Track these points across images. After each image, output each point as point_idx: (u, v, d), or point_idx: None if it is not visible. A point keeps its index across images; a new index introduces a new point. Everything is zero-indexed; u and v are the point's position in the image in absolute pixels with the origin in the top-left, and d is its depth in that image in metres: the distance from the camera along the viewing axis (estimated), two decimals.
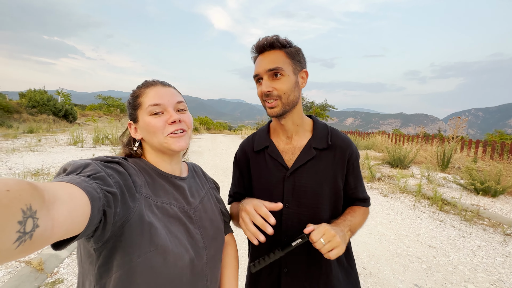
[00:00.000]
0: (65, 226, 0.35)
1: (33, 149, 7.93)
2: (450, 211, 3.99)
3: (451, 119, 9.41)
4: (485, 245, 2.92)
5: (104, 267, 0.52)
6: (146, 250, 0.54)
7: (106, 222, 0.46)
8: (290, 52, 0.80)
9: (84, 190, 0.41)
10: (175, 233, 0.61)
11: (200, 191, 0.77)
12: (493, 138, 12.35)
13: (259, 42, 0.80)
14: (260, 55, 0.81)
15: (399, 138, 11.89)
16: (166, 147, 0.65)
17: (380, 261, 2.55)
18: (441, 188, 5.22)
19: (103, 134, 10.20)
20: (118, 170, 0.55)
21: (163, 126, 0.64)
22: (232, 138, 19.45)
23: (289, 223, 0.83)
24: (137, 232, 0.53)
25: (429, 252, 2.74)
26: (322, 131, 0.88)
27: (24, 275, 2.00)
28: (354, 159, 0.87)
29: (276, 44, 0.79)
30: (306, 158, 0.83)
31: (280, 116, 0.82)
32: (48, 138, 11.15)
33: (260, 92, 0.80)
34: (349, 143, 0.87)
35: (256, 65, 0.82)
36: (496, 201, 4.50)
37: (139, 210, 0.55)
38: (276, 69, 0.77)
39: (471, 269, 2.43)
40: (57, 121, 19.07)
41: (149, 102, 0.64)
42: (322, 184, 0.83)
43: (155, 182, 0.65)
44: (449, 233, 3.23)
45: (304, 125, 0.88)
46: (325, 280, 0.83)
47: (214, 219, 0.75)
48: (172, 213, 0.63)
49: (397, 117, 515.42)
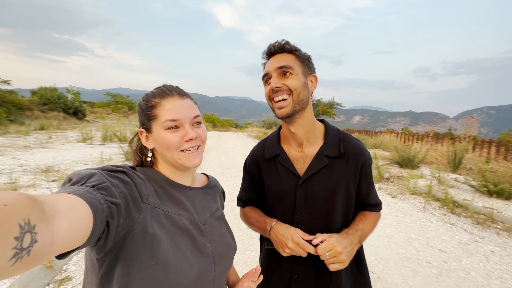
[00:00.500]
0: (66, 240, 0.35)
1: (44, 145, 8.11)
2: (462, 213, 3.88)
3: (463, 118, 9.15)
4: (499, 250, 2.83)
5: (105, 277, 0.51)
6: (147, 264, 0.52)
7: (109, 233, 0.45)
8: (300, 55, 0.82)
9: (87, 201, 0.40)
10: (181, 247, 0.59)
11: (213, 205, 0.75)
12: (507, 138, 11.97)
13: (269, 46, 0.82)
14: (271, 58, 0.83)
15: (408, 137, 11.65)
16: (180, 163, 0.64)
17: (389, 265, 2.49)
18: (452, 190, 5.08)
19: (112, 131, 10.35)
20: (123, 180, 0.54)
21: (179, 143, 0.62)
22: (238, 135, 19.47)
23: (303, 230, 0.81)
24: (139, 244, 0.52)
25: (440, 256, 2.67)
26: (334, 138, 0.86)
27: (34, 272, 2.04)
28: (367, 166, 0.86)
29: (286, 47, 0.80)
30: (318, 167, 0.82)
31: (290, 118, 0.80)
32: (59, 135, 11.39)
33: (268, 89, 0.80)
34: (362, 150, 0.86)
35: (266, 66, 0.83)
36: (511, 204, 4.36)
37: (144, 221, 0.54)
38: (285, 67, 0.77)
39: (484, 276, 2.35)
40: (67, 118, 19.46)
41: (165, 117, 0.61)
42: (335, 193, 0.82)
43: (165, 192, 0.63)
44: (461, 237, 3.14)
45: (315, 131, 0.86)
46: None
47: (224, 235, 0.72)
48: (181, 225, 0.61)
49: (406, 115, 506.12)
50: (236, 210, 3.73)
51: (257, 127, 24.67)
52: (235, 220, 3.29)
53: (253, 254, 2.61)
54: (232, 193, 4.56)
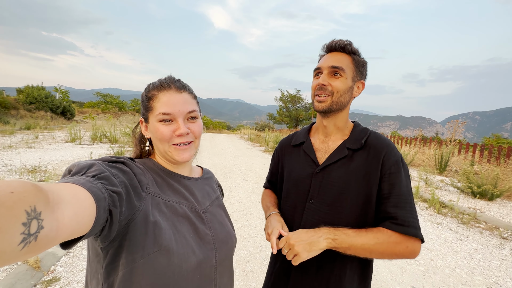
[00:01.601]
0: (71, 227, 0.35)
1: (30, 145, 7.87)
2: (448, 214, 4.01)
3: (449, 122, 9.46)
4: (482, 248, 2.94)
5: (111, 265, 0.52)
6: (150, 250, 0.53)
7: (112, 221, 0.46)
8: (356, 60, 0.82)
9: (89, 190, 0.41)
10: (183, 233, 0.60)
11: (211, 194, 0.76)
12: (490, 142, 12.45)
13: (331, 42, 0.83)
14: (329, 53, 0.83)
15: (397, 140, 11.94)
16: (170, 156, 0.66)
17: (378, 263, 2.55)
18: (439, 191, 5.24)
19: (101, 131, 10.15)
20: (122, 170, 0.55)
21: (170, 136, 0.63)
22: (231, 137, 19.44)
23: (310, 219, 0.82)
24: (142, 231, 0.53)
25: (427, 254, 2.75)
26: (360, 133, 0.85)
27: (20, 273, 1.98)
28: (392, 164, 0.76)
29: (347, 48, 0.81)
30: (337, 157, 0.82)
31: (325, 113, 0.83)
32: (46, 135, 11.07)
33: (315, 84, 0.82)
34: (387, 144, 0.80)
35: (321, 61, 0.84)
36: (493, 205, 4.54)
37: (145, 209, 0.55)
38: (338, 68, 0.79)
39: (468, 272, 2.44)
40: (55, 118, 18.92)
41: (159, 110, 0.63)
42: (351, 183, 0.78)
43: (164, 181, 0.65)
44: (447, 236, 3.25)
45: (344, 129, 0.88)
46: (335, 285, 0.80)
47: (225, 224, 0.74)
48: (181, 212, 0.62)
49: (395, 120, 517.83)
50: (232, 208, 3.73)
51: (249, 129, 24.70)
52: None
53: (246, 253, 2.62)
54: (225, 194, 4.55)
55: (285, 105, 31.28)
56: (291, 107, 31.28)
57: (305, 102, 30.90)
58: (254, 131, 22.90)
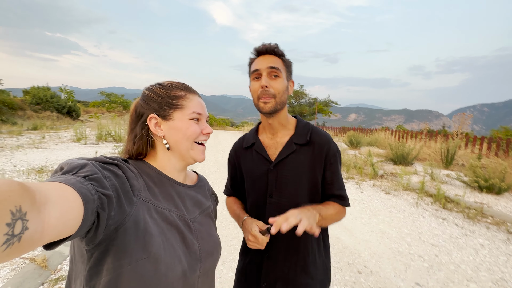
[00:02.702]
0: (56, 228, 0.35)
1: (37, 146, 8.01)
2: (453, 208, 3.96)
3: (456, 115, 9.29)
4: (488, 243, 2.90)
5: (94, 269, 0.51)
6: (138, 257, 0.52)
7: (99, 225, 0.45)
8: (285, 61, 0.91)
9: (78, 191, 0.40)
10: (171, 242, 0.59)
11: (203, 204, 0.76)
12: (498, 135, 12.19)
13: (262, 45, 0.89)
14: (261, 56, 0.90)
15: (403, 134, 11.79)
16: (190, 155, 0.68)
17: (382, 259, 2.54)
18: (444, 186, 5.18)
19: (106, 131, 10.26)
20: (115, 173, 0.54)
21: (199, 134, 0.68)
22: (235, 134, 19.44)
23: (272, 212, 0.90)
24: (131, 237, 0.52)
25: (431, 250, 2.73)
26: (303, 129, 0.95)
27: (28, 272, 2.04)
28: (332, 155, 0.92)
29: (277, 51, 0.89)
30: (287, 152, 0.91)
31: (271, 114, 0.90)
32: (52, 135, 11.25)
33: (258, 86, 0.87)
34: (328, 140, 0.94)
35: (256, 63, 0.89)
36: (500, 199, 4.46)
37: (135, 215, 0.54)
38: (276, 68, 0.86)
39: (473, 268, 2.41)
40: (61, 118, 19.19)
41: (194, 109, 0.67)
42: (302, 176, 0.90)
43: (157, 186, 0.64)
44: (452, 231, 3.21)
45: (288, 124, 0.97)
46: (302, 265, 0.91)
47: (212, 234, 0.74)
48: (171, 220, 0.62)
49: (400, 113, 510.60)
50: None
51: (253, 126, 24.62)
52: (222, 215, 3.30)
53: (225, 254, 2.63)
54: None
55: (289, 100, 31.12)
56: (295, 103, 31.08)
57: (308, 97, 30.65)
58: None
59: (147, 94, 0.67)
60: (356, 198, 4.46)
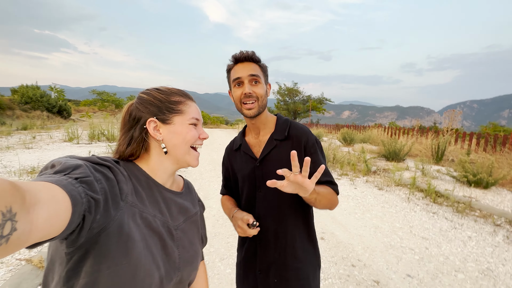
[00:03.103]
0: (43, 229, 0.35)
1: (28, 146, 7.86)
2: (443, 203, 4.09)
3: (446, 112, 9.49)
4: (476, 235, 3.02)
5: (72, 271, 0.50)
6: (118, 262, 0.52)
7: (83, 228, 0.45)
8: (262, 66, 0.98)
9: (68, 194, 0.40)
10: (151, 248, 0.59)
11: (188, 211, 0.76)
12: (487, 131, 12.52)
13: (240, 53, 0.95)
14: (240, 63, 0.95)
15: (395, 131, 11.99)
16: (185, 160, 0.70)
17: (375, 253, 2.62)
18: (435, 181, 5.32)
19: (99, 130, 10.12)
20: (106, 176, 0.54)
21: (197, 139, 0.71)
22: (229, 132, 19.41)
23: (261, 205, 0.99)
24: (113, 242, 0.52)
25: (422, 243, 2.82)
26: (282, 125, 1.03)
27: (25, 273, 2.03)
28: (311, 146, 0.97)
29: (254, 57, 0.95)
30: (269, 148, 0.99)
31: (255, 117, 0.97)
32: (43, 134, 11.02)
33: (241, 93, 0.94)
34: (305, 132, 1.00)
35: (236, 71, 0.95)
36: (488, 193, 4.62)
37: (120, 219, 0.54)
38: (256, 75, 0.93)
39: (461, 259, 2.51)
40: (51, 117, 18.78)
41: (192, 114, 0.70)
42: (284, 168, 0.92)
43: (144, 191, 0.64)
44: (442, 224, 3.32)
45: (268, 123, 1.04)
46: (291, 250, 0.97)
47: (194, 243, 0.74)
48: (154, 226, 0.62)
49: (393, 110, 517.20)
50: None
51: None
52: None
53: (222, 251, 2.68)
54: None
55: (283, 98, 31.16)
56: (289, 100, 31.16)
57: (302, 94, 30.77)
58: None
59: (145, 98, 0.68)
60: (350, 194, 4.55)
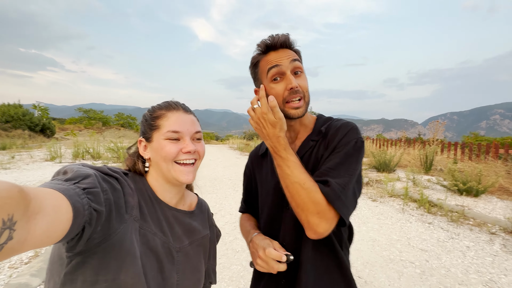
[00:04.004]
0: (39, 240, 0.35)
1: (5, 167, 7.40)
2: (437, 212, 4.06)
3: (430, 123, 9.82)
4: (474, 245, 2.97)
5: (70, 276, 0.50)
6: (115, 277, 0.50)
7: (81, 238, 0.45)
8: (298, 52, 0.76)
9: (72, 205, 0.40)
10: (145, 268, 0.55)
11: (196, 232, 0.69)
12: (470, 140, 13.00)
13: (273, 38, 0.72)
14: (273, 51, 0.73)
15: (383, 142, 12.23)
16: (173, 176, 0.63)
17: (375, 268, 2.50)
18: (427, 190, 5.34)
19: (84, 148, 9.74)
20: (114, 187, 0.54)
21: (177, 154, 0.63)
22: (220, 148, 19.27)
23: (288, 227, 0.75)
24: (112, 255, 0.51)
25: (421, 255, 2.73)
26: (322, 123, 0.80)
27: None
28: (344, 143, 0.70)
29: (290, 42, 0.74)
30: (303, 151, 0.77)
31: (301, 117, 0.75)
32: (23, 154, 10.50)
33: (282, 88, 0.71)
34: (346, 127, 0.73)
35: (271, 59, 0.72)
36: (479, 201, 4.65)
37: (123, 233, 0.53)
38: (299, 64, 0.73)
39: (463, 271, 2.43)
40: (33, 136, 18.07)
41: (169, 128, 0.63)
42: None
43: (147, 207, 0.61)
44: (439, 235, 3.26)
45: (309, 124, 0.82)
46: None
47: (198, 270, 0.68)
48: (152, 245, 0.58)
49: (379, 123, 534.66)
50: (222, 221, 3.60)
51: (238, 139, 24.59)
52: None
53: (239, 268, 2.50)
54: (215, 206, 4.42)
55: None
56: None
57: None
58: (243, 140, 22.84)
59: (142, 117, 0.69)
60: None
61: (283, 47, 0.73)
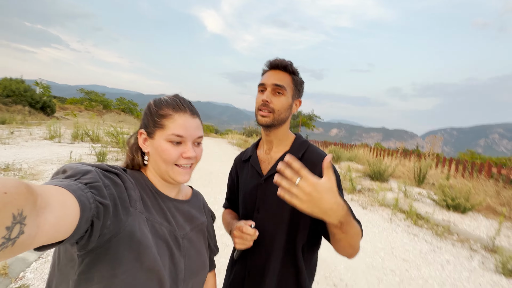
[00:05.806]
0: (49, 234, 0.35)
1: (4, 141, 7.44)
2: (424, 225, 4.18)
3: (428, 137, 9.93)
4: (453, 259, 3.09)
5: (85, 275, 0.51)
6: (132, 267, 0.53)
7: (92, 233, 0.46)
8: (296, 80, 0.90)
9: (77, 199, 0.41)
10: (162, 256, 0.59)
11: (195, 219, 0.75)
12: (465, 157, 13.15)
13: (275, 60, 0.88)
14: (272, 70, 0.89)
15: (380, 151, 12.35)
16: (170, 176, 0.65)
17: (357, 273, 2.62)
18: (416, 203, 5.46)
19: (83, 130, 9.78)
20: (115, 182, 0.54)
21: (177, 157, 0.64)
22: (218, 142, 19.32)
23: (258, 229, 0.84)
24: (126, 247, 0.52)
25: (403, 265, 2.85)
26: (300, 146, 0.92)
27: None
28: None
29: (288, 68, 0.88)
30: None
31: (268, 127, 0.89)
32: (22, 130, 10.52)
33: (260, 100, 0.87)
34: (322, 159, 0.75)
35: (264, 77, 0.89)
36: (465, 217, 4.78)
37: (131, 225, 0.54)
38: (281, 86, 0.85)
39: (439, 283, 2.55)
40: (33, 113, 18.04)
41: (173, 130, 0.63)
42: None
43: (150, 199, 0.64)
44: (422, 247, 3.38)
45: (286, 140, 0.94)
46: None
47: (201, 253, 0.73)
48: (160, 234, 0.62)
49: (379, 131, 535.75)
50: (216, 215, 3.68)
51: (237, 134, 24.65)
52: None
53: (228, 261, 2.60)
54: (209, 200, 4.50)
55: None
56: None
57: None
58: (242, 136, 22.89)
59: (146, 108, 0.68)
60: None
61: (280, 69, 0.88)
